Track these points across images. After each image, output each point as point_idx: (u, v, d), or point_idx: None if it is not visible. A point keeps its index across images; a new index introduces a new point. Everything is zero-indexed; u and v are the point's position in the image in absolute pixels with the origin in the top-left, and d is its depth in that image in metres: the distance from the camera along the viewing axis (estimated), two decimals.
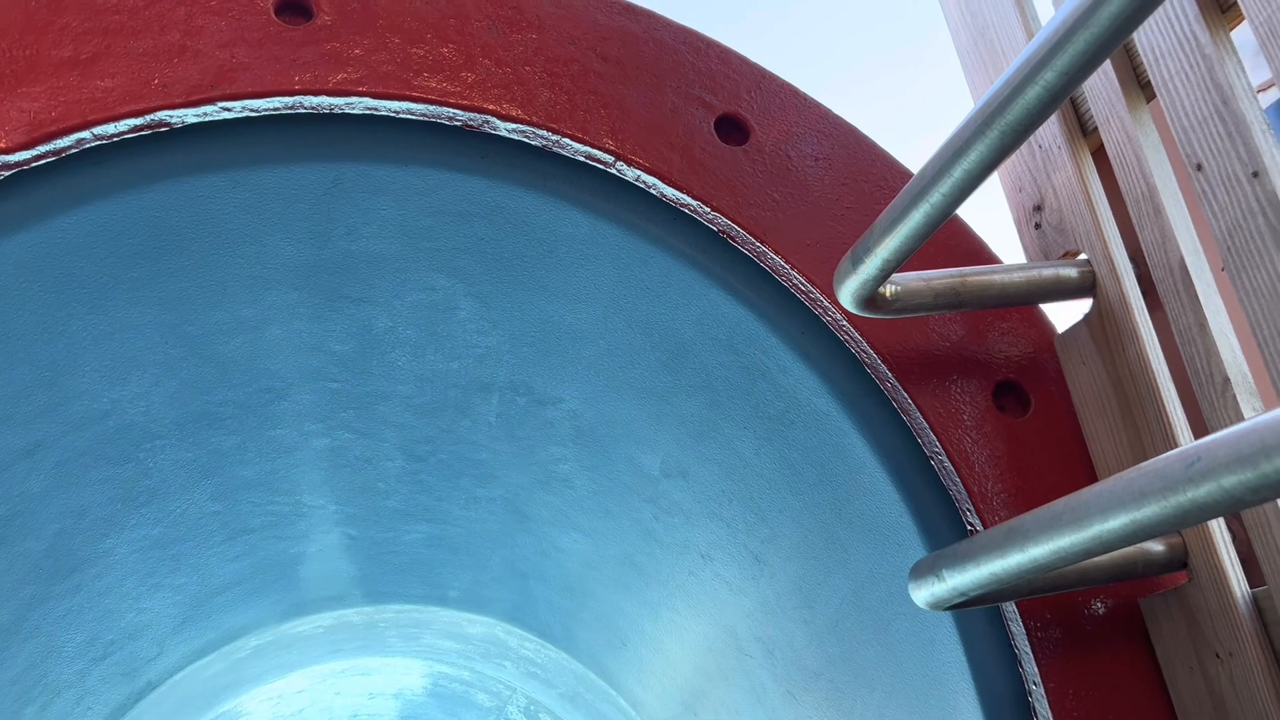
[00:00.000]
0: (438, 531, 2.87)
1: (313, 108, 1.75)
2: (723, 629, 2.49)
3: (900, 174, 1.93)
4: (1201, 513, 0.98)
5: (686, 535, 2.42)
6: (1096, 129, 1.75)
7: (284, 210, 1.88)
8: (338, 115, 1.78)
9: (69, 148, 1.64)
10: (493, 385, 2.39)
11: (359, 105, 1.76)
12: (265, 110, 1.73)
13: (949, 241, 1.90)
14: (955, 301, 1.67)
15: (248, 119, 1.75)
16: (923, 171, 1.38)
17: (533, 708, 3.61)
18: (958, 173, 1.32)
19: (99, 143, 1.66)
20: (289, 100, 1.72)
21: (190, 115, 1.69)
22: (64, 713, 2.53)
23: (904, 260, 1.49)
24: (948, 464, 1.78)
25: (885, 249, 1.48)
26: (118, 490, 2.26)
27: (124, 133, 1.67)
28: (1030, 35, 1.87)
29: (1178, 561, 1.57)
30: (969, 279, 1.69)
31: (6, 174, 1.60)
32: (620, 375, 2.25)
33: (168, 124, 1.69)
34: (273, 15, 1.77)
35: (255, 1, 1.77)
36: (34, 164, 1.62)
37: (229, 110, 1.70)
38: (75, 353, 1.92)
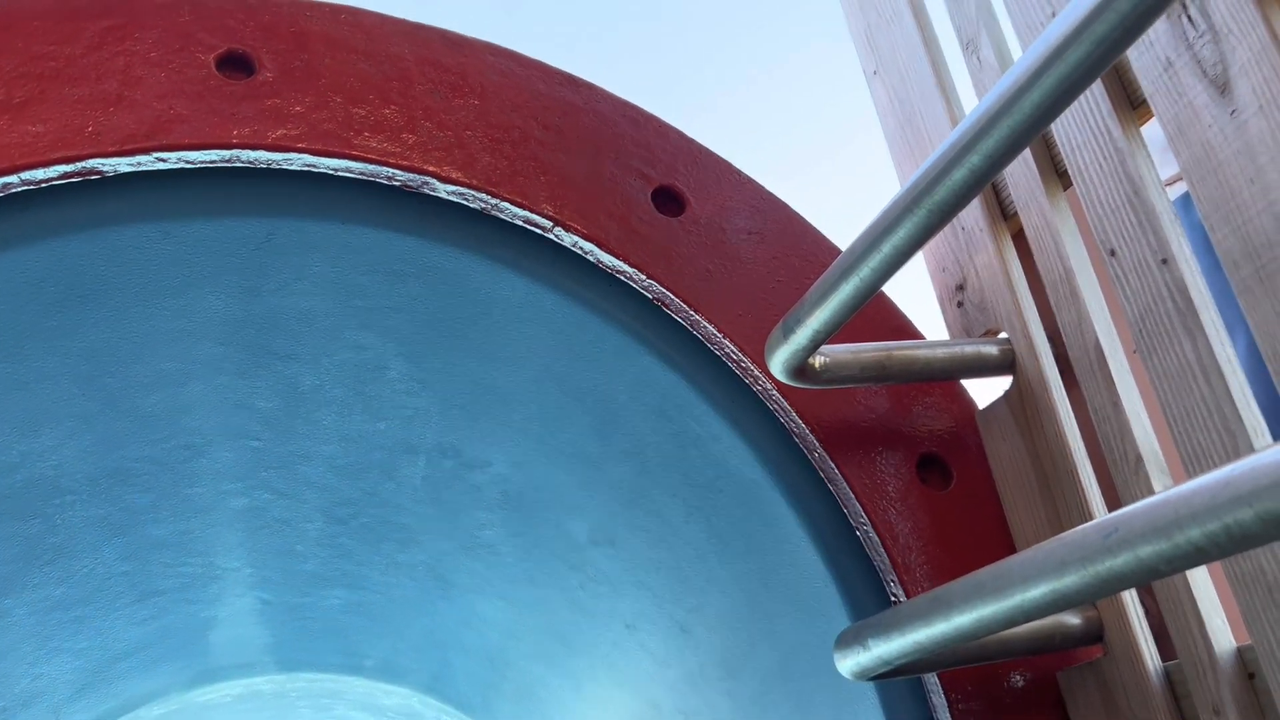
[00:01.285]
0: (356, 598, 2.79)
1: (250, 162, 1.74)
2: (646, 702, 2.46)
3: (829, 250, 1.99)
4: (1119, 581, 1.01)
5: (612, 604, 2.40)
6: (1017, 213, 1.82)
7: (215, 263, 1.85)
8: (275, 170, 1.78)
9: None
10: (420, 447, 2.37)
11: (297, 161, 1.76)
12: (201, 162, 1.72)
13: (876, 316, 1.95)
14: (881, 374, 1.72)
15: (183, 170, 1.73)
16: (852, 247, 1.42)
17: None
18: (886, 249, 1.37)
19: (26, 188, 1.63)
20: (226, 153, 1.72)
21: (124, 164, 1.67)
22: None
23: (833, 332, 1.53)
24: (873, 535, 1.80)
25: (815, 320, 1.52)
26: (20, 548, 2.16)
27: (53, 179, 1.64)
28: (953, 119, 1.96)
29: (1094, 635, 1.61)
30: (895, 353, 1.73)
31: None
32: (551, 440, 2.25)
33: (99, 172, 1.66)
34: (214, 69, 1.77)
35: (196, 55, 1.77)
36: None
37: (164, 161, 1.69)
38: None
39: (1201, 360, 1.41)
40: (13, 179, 1.60)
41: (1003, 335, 1.84)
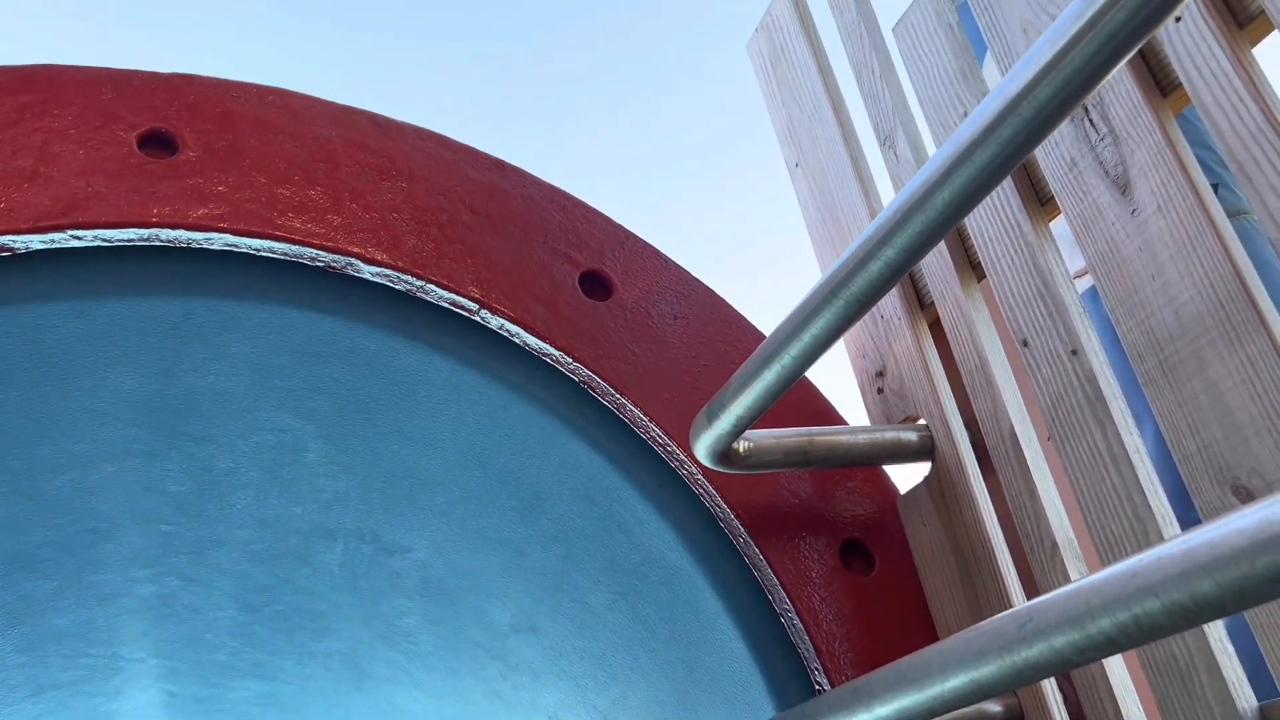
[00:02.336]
0: (268, 689, 2.68)
1: (170, 241, 1.71)
2: None
3: (753, 335, 2.01)
4: (1035, 672, 1.02)
5: (534, 695, 2.34)
6: (933, 303, 1.87)
7: (129, 343, 1.81)
8: (195, 250, 1.75)
9: None
10: (338, 532, 2.31)
11: (218, 241, 1.74)
12: (119, 240, 1.69)
13: (799, 401, 1.97)
14: (804, 459, 1.73)
15: (99, 248, 1.70)
16: (774, 335, 1.44)
17: None
18: (806, 337, 1.39)
19: None
20: (145, 232, 1.69)
21: (36, 241, 1.63)
22: None
23: (756, 417, 1.54)
24: (797, 622, 1.80)
25: (739, 406, 1.53)
26: None
27: None
28: (872, 211, 2.02)
29: None
30: (817, 438, 1.75)
31: None
32: (473, 524, 2.21)
33: (10, 249, 1.62)
34: (134, 147, 1.75)
35: (117, 133, 1.75)
36: None
37: (79, 239, 1.65)
38: None
39: (1111, 449, 1.45)
40: None
41: (922, 422, 1.87)
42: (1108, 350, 1.56)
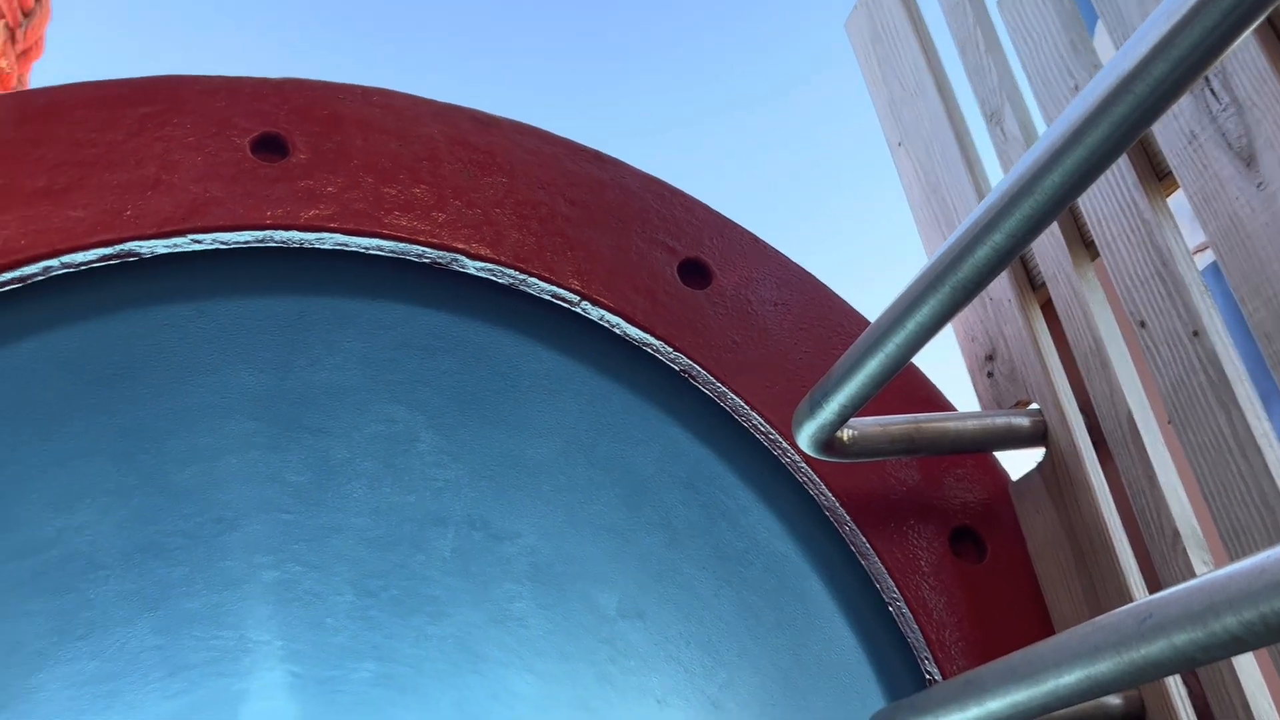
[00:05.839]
0: (386, 670, 2.78)
1: (283, 242, 1.77)
2: None
3: (856, 320, 1.98)
4: (1155, 669, 0.99)
5: (642, 679, 2.37)
6: (1045, 284, 1.81)
7: (248, 341, 1.88)
8: (307, 249, 1.81)
9: (36, 275, 1.64)
10: (449, 519, 2.36)
11: (329, 241, 1.79)
12: (235, 243, 1.75)
13: (905, 387, 1.94)
14: (910, 447, 1.70)
15: (218, 251, 1.77)
16: (878, 322, 1.42)
17: None
18: (911, 325, 1.36)
19: (66, 271, 1.67)
20: (260, 234, 1.75)
21: (160, 246, 1.71)
22: None
23: (861, 406, 1.52)
24: (906, 611, 1.77)
25: (842, 395, 1.51)
26: (54, 622, 2.18)
27: (92, 261, 1.68)
28: (979, 190, 1.96)
29: (1134, 717, 1.56)
30: (924, 425, 1.72)
31: None
32: (579, 511, 2.24)
33: (137, 254, 1.70)
34: (248, 152, 1.81)
35: (231, 138, 1.82)
36: None
37: (199, 242, 1.73)
38: (24, 479, 1.88)
39: (1237, 434, 1.38)
40: (53, 263, 1.65)
41: (1034, 406, 1.82)
42: (1232, 330, 1.49)
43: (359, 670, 2.75)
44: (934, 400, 1.95)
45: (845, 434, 1.63)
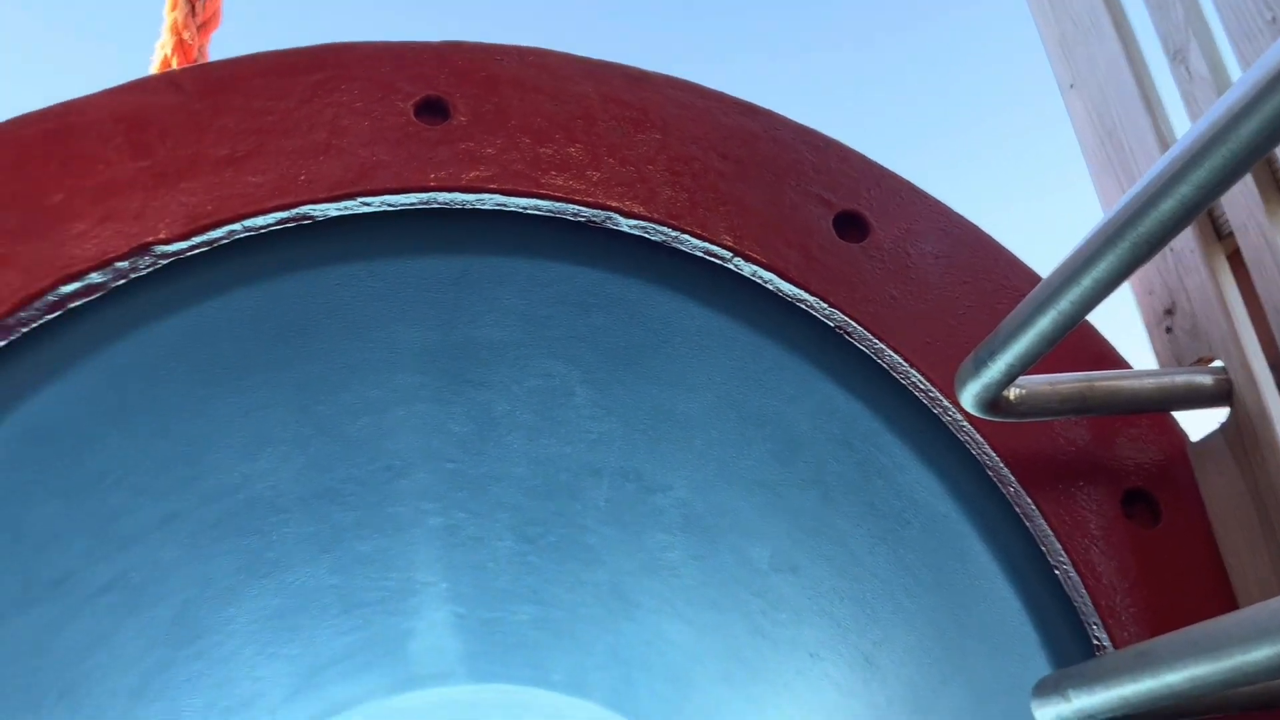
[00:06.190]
0: (543, 614, 2.88)
1: (445, 203, 1.82)
2: None
3: (1023, 273, 1.90)
4: None
5: (795, 632, 2.38)
6: (1232, 233, 1.70)
7: (414, 298, 1.95)
8: (469, 210, 1.86)
9: (221, 238, 1.74)
10: (603, 470, 2.41)
11: (489, 201, 1.83)
12: (401, 205, 1.81)
13: (1076, 342, 1.85)
14: (1082, 406, 1.63)
15: (384, 213, 1.84)
16: (1050, 278, 1.36)
17: None
18: (1087, 281, 1.30)
19: (247, 234, 1.77)
20: (424, 196, 1.81)
21: (332, 209, 1.79)
22: None
23: (1030, 365, 1.47)
24: (1073, 574, 1.71)
25: (1010, 353, 1.46)
26: (242, 561, 2.34)
27: (270, 225, 1.77)
28: (1160, 135, 1.84)
29: None
30: (1097, 384, 1.64)
31: (164, 262, 1.71)
32: (731, 466, 2.25)
33: (310, 217, 1.78)
34: (412, 116, 1.87)
35: (396, 103, 1.87)
36: (188, 254, 1.73)
37: (368, 205, 1.79)
38: (214, 430, 2.01)
39: None
40: (236, 227, 1.74)
41: (1217, 363, 1.71)
42: None
43: (518, 613, 2.86)
44: (1107, 357, 1.86)
45: (1012, 393, 1.58)
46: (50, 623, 2.02)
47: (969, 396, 1.57)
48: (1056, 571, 1.73)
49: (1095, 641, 1.68)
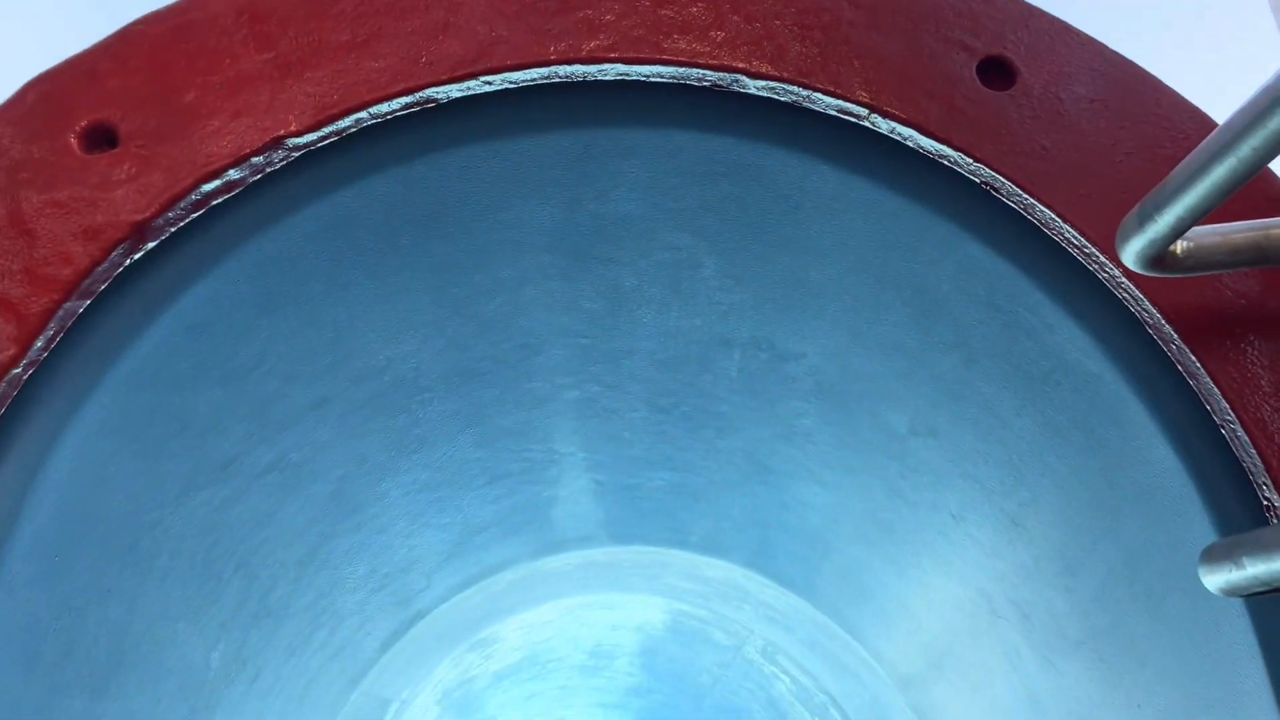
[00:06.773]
0: (679, 479, 2.93)
1: (566, 76, 1.77)
2: (974, 590, 2.42)
3: (1192, 115, 1.75)
4: None
5: (936, 495, 2.36)
6: None
7: (539, 176, 1.93)
8: (590, 82, 1.80)
9: (349, 128, 1.74)
10: (734, 340, 2.40)
11: (611, 72, 1.77)
12: (522, 82, 1.77)
13: (1247, 188, 1.71)
14: (1258, 257, 1.51)
15: (505, 91, 1.80)
16: (1230, 122, 1.24)
17: (770, 649, 3.66)
18: (1274, 123, 1.18)
19: (374, 121, 1.76)
20: (545, 71, 1.76)
21: (455, 90, 1.76)
22: (349, 636, 2.79)
23: (1202, 218, 1.36)
24: (1241, 433, 1.63)
25: (1180, 205, 1.35)
26: (392, 439, 2.44)
27: (395, 110, 1.76)
28: None
29: None
30: (1273, 231, 1.52)
31: (296, 155, 1.73)
32: (866, 332, 2.20)
33: (434, 100, 1.76)
34: None
35: None
36: (319, 145, 1.74)
37: (489, 84, 1.76)
38: (355, 315, 2.07)
39: None
40: (363, 115, 1.74)
41: None
42: None
43: (655, 479, 2.92)
44: None
45: (1179, 247, 1.47)
46: (221, 502, 2.16)
47: (1131, 253, 1.48)
48: (1223, 430, 1.65)
49: (1265, 503, 1.60)
